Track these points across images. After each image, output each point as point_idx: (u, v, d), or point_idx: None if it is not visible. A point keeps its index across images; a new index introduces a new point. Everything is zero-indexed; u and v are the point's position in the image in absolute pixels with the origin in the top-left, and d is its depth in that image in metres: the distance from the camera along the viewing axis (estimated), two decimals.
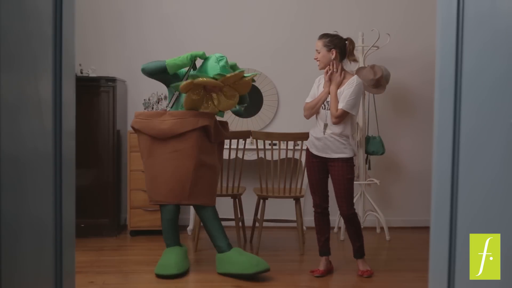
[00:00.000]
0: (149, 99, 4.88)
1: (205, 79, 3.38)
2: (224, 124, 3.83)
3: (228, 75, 3.43)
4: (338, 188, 3.52)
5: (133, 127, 3.65)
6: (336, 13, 5.16)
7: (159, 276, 3.48)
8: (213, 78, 3.41)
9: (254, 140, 4.27)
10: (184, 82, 3.42)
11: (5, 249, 1.12)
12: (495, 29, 1.28)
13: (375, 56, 4.90)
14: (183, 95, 3.62)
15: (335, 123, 3.47)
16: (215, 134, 3.63)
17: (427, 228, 1.72)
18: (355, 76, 3.56)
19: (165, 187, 3.56)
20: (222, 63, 3.50)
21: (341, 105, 3.45)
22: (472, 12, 1.35)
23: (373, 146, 4.70)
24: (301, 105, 5.10)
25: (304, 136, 4.00)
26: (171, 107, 3.70)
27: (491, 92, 1.29)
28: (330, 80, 3.53)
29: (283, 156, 4.49)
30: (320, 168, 3.59)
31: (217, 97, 3.62)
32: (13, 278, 1.19)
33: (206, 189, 3.64)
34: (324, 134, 3.51)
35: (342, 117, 3.45)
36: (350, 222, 3.57)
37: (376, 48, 4.77)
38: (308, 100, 3.67)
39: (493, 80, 1.29)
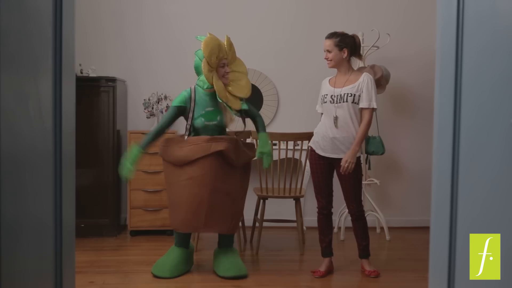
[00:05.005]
0: (149, 99, 4.88)
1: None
2: (250, 146, 3.75)
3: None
4: (348, 188, 3.53)
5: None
6: (336, 13, 5.16)
7: (153, 275, 3.54)
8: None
9: (254, 140, 4.26)
10: (203, 66, 3.41)
11: (5, 249, 1.12)
12: (495, 29, 1.28)
13: (375, 56, 4.90)
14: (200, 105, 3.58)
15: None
16: (236, 157, 3.52)
17: (427, 228, 1.72)
18: (366, 73, 3.56)
19: (181, 215, 3.50)
20: (199, 54, 3.51)
21: (369, 104, 3.44)
22: (472, 12, 1.35)
23: (373, 146, 4.70)
24: (301, 105, 5.14)
25: (305, 136, 4.00)
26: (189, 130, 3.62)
27: (491, 92, 1.29)
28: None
29: (283, 156, 4.49)
30: (326, 169, 3.59)
31: (230, 83, 3.60)
32: (13, 278, 1.19)
33: (223, 217, 3.52)
34: (337, 127, 3.47)
35: (372, 115, 3.48)
36: (358, 220, 3.59)
37: (376, 48, 4.77)
38: (318, 108, 3.69)
39: (493, 80, 1.28)
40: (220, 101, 3.47)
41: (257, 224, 4.42)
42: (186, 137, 3.57)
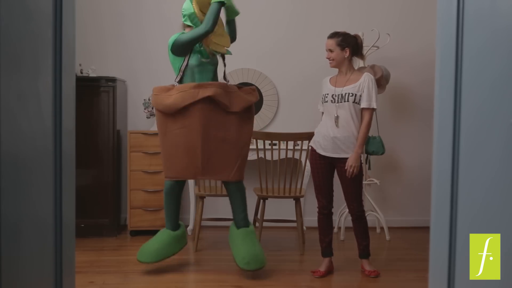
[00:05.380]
0: (149, 99, 4.88)
1: None
2: (249, 91, 3.64)
3: None
4: (348, 188, 3.53)
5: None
6: (335, 13, 5.16)
7: (138, 261, 3.62)
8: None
9: (254, 140, 4.26)
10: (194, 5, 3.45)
11: (5, 249, 1.12)
12: (495, 28, 1.28)
13: (375, 56, 4.90)
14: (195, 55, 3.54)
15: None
16: (229, 101, 3.47)
17: (427, 228, 1.72)
18: (367, 73, 3.56)
19: (179, 163, 3.49)
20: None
21: (369, 104, 3.45)
22: (472, 11, 1.35)
23: (373, 146, 4.70)
24: (301, 105, 5.14)
25: (305, 136, 4.00)
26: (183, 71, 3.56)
27: (491, 91, 1.29)
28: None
29: (283, 156, 4.49)
30: (327, 169, 3.58)
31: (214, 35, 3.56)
32: (13, 278, 1.19)
33: (222, 164, 3.50)
34: (338, 127, 3.48)
35: (371, 115, 3.49)
36: (358, 220, 3.58)
37: (376, 48, 4.77)
38: (320, 107, 3.69)
39: (493, 80, 1.28)
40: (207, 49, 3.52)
41: (257, 224, 4.42)
42: (176, 82, 3.55)
